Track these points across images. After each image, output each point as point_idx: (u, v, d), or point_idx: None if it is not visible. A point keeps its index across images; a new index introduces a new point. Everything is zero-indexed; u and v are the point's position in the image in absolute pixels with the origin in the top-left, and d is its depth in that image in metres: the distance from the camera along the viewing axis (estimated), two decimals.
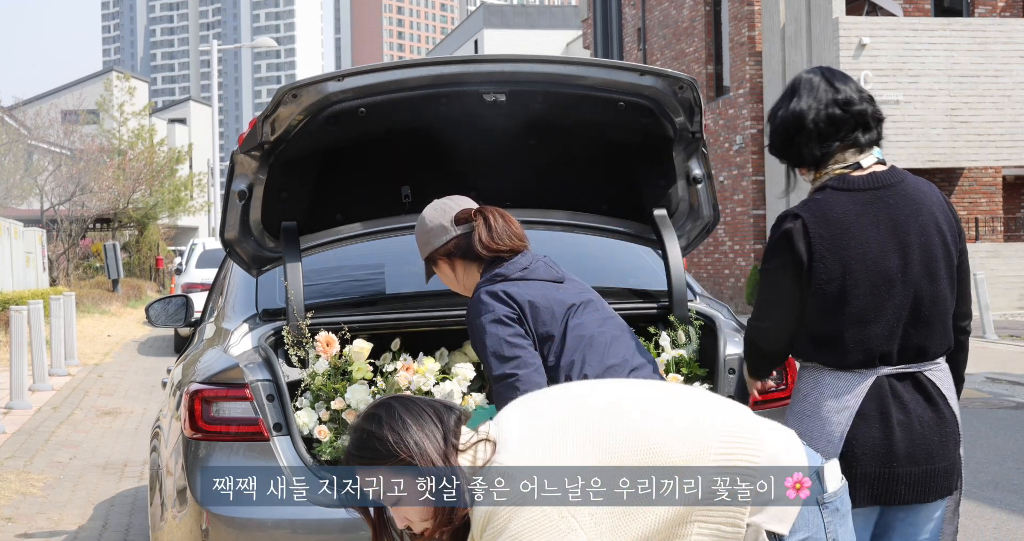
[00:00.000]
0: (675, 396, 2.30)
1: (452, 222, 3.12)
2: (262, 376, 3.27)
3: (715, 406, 2.27)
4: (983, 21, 20.58)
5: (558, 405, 2.25)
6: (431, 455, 2.17)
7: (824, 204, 2.78)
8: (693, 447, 2.14)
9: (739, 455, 2.14)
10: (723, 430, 2.18)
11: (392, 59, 47.31)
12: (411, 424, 2.20)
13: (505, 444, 2.18)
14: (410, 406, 2.24)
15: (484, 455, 2.19)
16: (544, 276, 3.07)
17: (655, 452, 2.12)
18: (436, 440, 2.19)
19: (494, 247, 3.07)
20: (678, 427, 2.17)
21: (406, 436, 2.19)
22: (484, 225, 3.09)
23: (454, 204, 3.17)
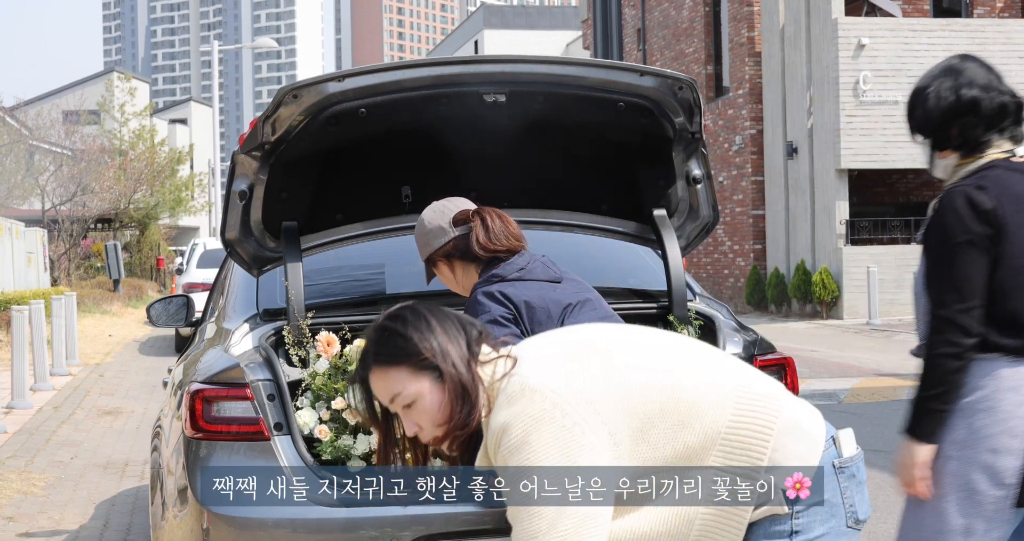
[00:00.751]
0: (695, 355, 2.29)
1: (450, 223, 3.14)
2: (263, 376, 3.28)
3: (732, 367, 2.28)
4: (982, 22, 20.58)
5: (583, 342, 2.26)
6: (453, 357, 2.18)
7: (1003, 180, 2.71)
8: (711, 407, 2.15)
9: (755, 416, 2.16)
10: (738, 391, 2.19)
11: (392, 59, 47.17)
12: (436, 326, 2.21)
13: (525, 361, 2.19)
14: (434, 311, 2.26)
15: (503, 369, 2.20)
16: (541, 276, 3.07)
17: (677, 399, 2.14)
18: (459, 345, 2.21)
19: (491, 248, 3.09)
20: (701, 385, 2.18)
21: (430, 336, 2.20)
22: (481, 226, 3.11)
23: (452, 206, 3.19)
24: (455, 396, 2.19)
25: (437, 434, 2.22)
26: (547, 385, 2.13)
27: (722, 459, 2.14)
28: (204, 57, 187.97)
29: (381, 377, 2.22)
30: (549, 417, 2.09)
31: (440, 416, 2.20)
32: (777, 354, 3.66)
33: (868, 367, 12.41)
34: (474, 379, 2.20)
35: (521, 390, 2.13)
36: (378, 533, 3.05)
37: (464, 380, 2.19)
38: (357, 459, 3.31)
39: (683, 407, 2.14)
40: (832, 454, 2.22)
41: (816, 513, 2.18)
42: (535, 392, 2.12)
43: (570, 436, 2.07)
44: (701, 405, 2.15)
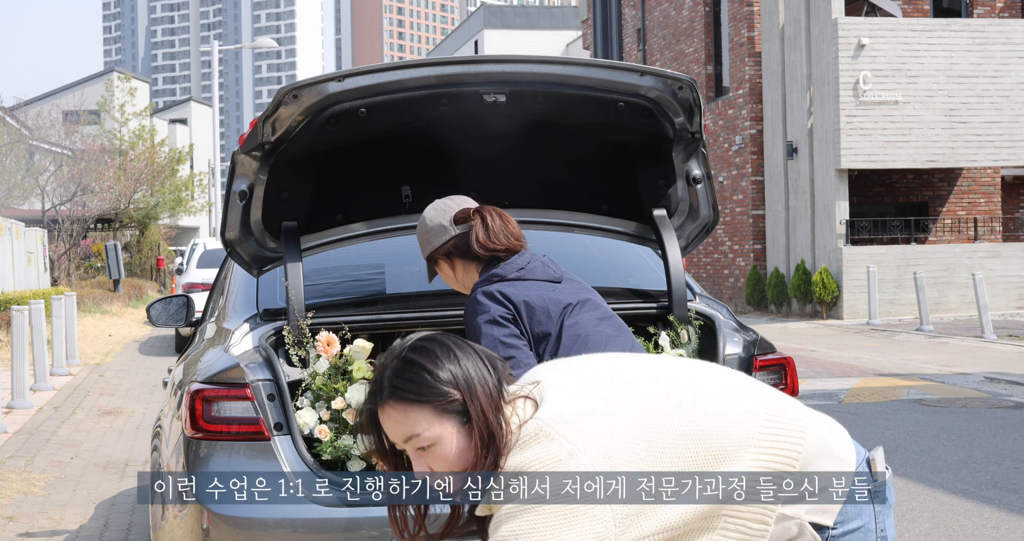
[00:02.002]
0: (717, 381, 2.14)
1: (451, 222, 3.14)
2: (263, 376, 3.28)
3: (757, 392, 2.13)
4: (982, 22, 20.58)
5: (602, 376, 2.09)
6: (483, 402, 1.96)
7: None
8: (740, 435, 2.01)
9: (782, 448, 2.03)
10: (766, 419, 2.05)
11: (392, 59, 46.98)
12: (467, 365, 1.98)
13: (546, 401, 2.01)
14: (461, 345, 2.02)
15: (523, 414, 1.99)
16: (541, 276, 3.08)
17: (703, 438, 2.00)
18: (488, 387, 1.98)
19: (491, 246, 3.09)
20: (727, 414, 2.03)
21: (460, 376, 1.97)
22: (481, 225, 3.11)
23: (454, 204, 3.19)
24: (481, 444, 1.96)
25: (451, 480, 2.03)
26: (564, 433, 1.96)
27: (731, 517, 2.01)
28: (204, 57, 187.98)
29: (398, 414, 1.98)
30: (562, 465, 1.94)
31: (459, 464, 1.99)
32: (777, 354, 3.66)
33: (868, 367, 12.41)
34: (502, 425, 1.96)
35: (535, 435, 1.96)
36: (378, 533, 3.05)
37: (492, 426, 1.95)
38: (357, 459, 3.31)
39: (708, 446, 2.00)
40: (867, 480, 2.11)
41: (853, 540, 2.09)
42: (550, 438, 1.95)
43: (585, 513, 1.93)
44: (724, 442, 2.02)
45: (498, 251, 3.10)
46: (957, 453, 7.26)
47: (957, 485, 6.32)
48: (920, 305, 16.85)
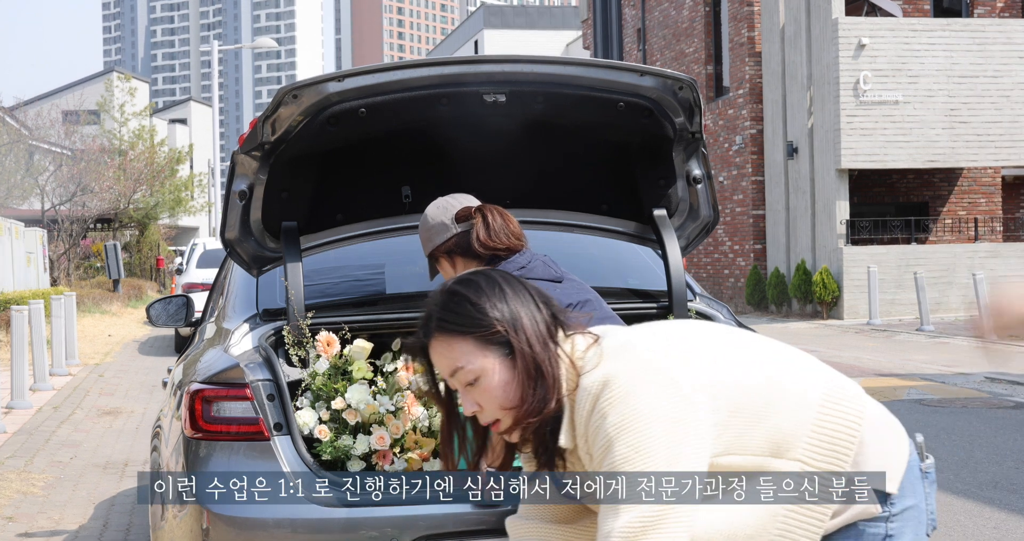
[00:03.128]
0: (780, 350, 2.12)
1: (453, 220, 3.15)
2: (262, 376, 3.28)
3: (818, 365, 2.12)
4: (982, 21, 20.58)
5: (668, 330, 2.08)
6: (528, 333, 1.95)
7: None
8: (799, 403, 2.01)
9: (843, 413, 2.03)
10: (826, 387, 2.05)
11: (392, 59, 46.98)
12: (511, 296, 1.98)
13: (611, 333, 2.01)
14: (511, 279, 2.03)
15: (585, 342, 1.99)
16: (541, 275, 3.08)
17: (771, 389, 2.00)
18: (535, 320, 1.97)
19: (492, 245, 3.09)
20: (792, 379, 2.04)
21: (503, 307, 1.96)
22: (483, 223, 3.12)
23: (456, 202, 3.20)
24: (527, 377, 1.94)
25: (505, 420, 1.98)
26: (649, 345, 1.95)
27: (806, 455, 2.01)
28: (204, 57, 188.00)
29: (443, 347, 1.98)
30: (656, 370, 1.89)
31: (507, 398, 1.96)
32: None
33: (868, 367, 12.41)
34: (551, 359, 1.95)
35: (623, 346, 1.93)
36: (378, 533, 3.05)
37: (539, 359, 1.94)
38: (357, 459, 3.31)
39: (775, 398, 2.00)
40: (916, 459, 2.11)
41: (909, 518, 2.06)
42: (637, 348, 1.92)
43: (680, 393, 1.88)
44: (790, 398, 2.00)
45: (499, 250, 3.10)
46: (957, 453, 7.26)
47: (957, 485, 6.32)
48: (921, 305, 16.85)
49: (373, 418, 3.31)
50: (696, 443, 1.91)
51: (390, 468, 3.27)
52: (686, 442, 1.89)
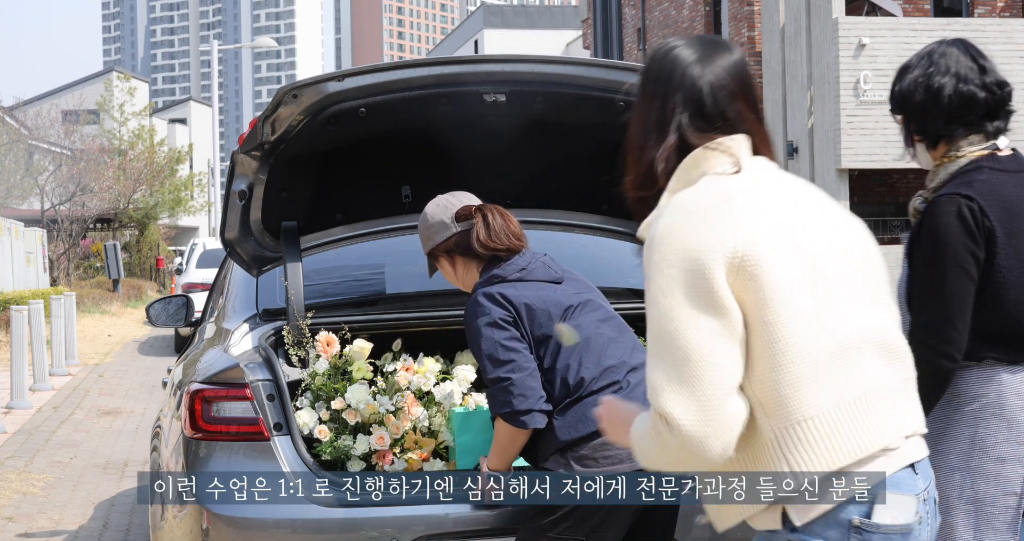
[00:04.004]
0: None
1: (453, 219, 3.14)
2: (262, 376, 3.28)
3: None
4: (983, 21, 20.59)
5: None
6: (654, 107, 2.03)
7: (991, 184, 2.61)
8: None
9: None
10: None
11: (392, 59, 47.07)
12: (665, 76, 2.04)
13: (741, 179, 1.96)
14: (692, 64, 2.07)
15: (717, 163, 1.96)
16: (542, 277, 3.07)
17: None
18: (672, 105, 2.01)
19: (491, 246, 3.08)
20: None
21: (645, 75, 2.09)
22: (483, 223, 3.10)
23: (456, 201, 3.18)
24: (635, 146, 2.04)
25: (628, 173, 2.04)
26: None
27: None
28: (204, 57, 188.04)
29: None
30: (719, 208, 1.88)
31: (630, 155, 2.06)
32: None
33: None
34: (647, 142, 1.99)
35: (708, 184, 1.92)
36: (377, 533, 3.05)
37: (643, 141, 2.00)
38: (357, 459, 3.31)
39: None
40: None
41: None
42: (715, 195, 1.90)
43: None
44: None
45: (498, 250, 3.09)
46: None
47: None
48: None
49: (373, 418, 3.31)
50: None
51: (390, 468, 3.27)
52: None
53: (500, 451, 2.95)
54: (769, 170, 1.99)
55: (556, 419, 2.88)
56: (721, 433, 1.80)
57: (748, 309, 1.82)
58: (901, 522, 1.86)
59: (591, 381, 2.89)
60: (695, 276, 1.83)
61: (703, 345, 1.79)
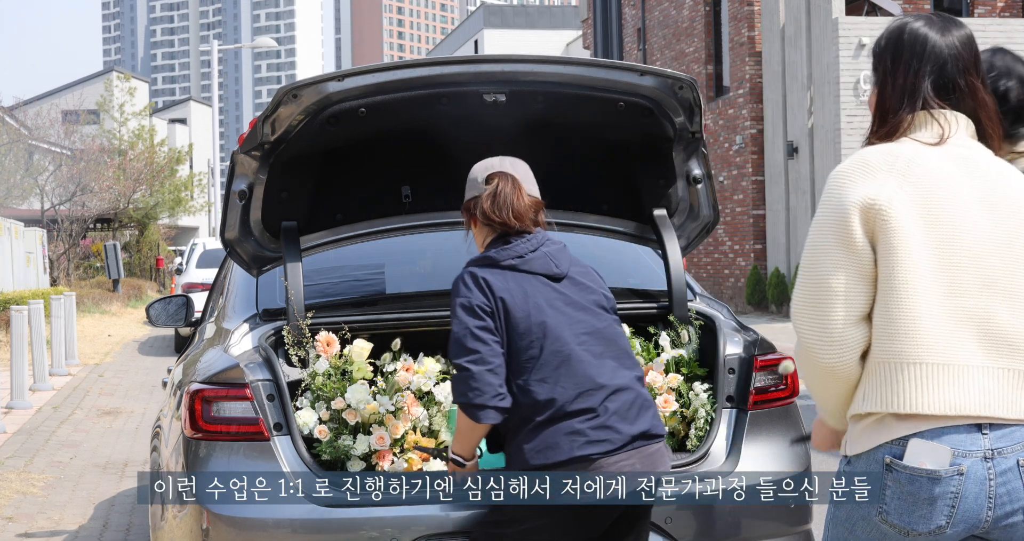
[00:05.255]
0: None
1: (484, 180, 3.03)
2: (262, 376, 3.28)
3: None
4: (983, 21, 20.58)
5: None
6: (895, 79, 2.25)
7: None
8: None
9: None
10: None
11: (392, 59, 46.99)
12: (910, 52, 2.25)
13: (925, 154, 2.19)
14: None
15: (928, 131, 2.21)
16: (539, 269, 2.94)
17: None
18: (913, 78, 2.24)
19: (491, 218, 2.95)
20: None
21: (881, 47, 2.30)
22: (491, 192, 2.98)
23: (499, 163, 3.06)
24: (878, 111, 2.28)
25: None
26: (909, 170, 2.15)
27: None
28: (204, 57, 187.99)
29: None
30: (871, 174, 2.15)
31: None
32: (777, 354, 3.66)
33: None
34: (899, 112, 2.23)
35: (895, 146, 2.19)
36: (378, 533, 3.05)
37: (888, 104, 2.24)
38: (357, 459, 3.31)
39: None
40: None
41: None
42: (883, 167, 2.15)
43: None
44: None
45: (503, 225, 2.97)
46: None
47: None
48: None
49: (373, 418, 3.31)
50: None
51: (390, 468, 3.27)
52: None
53: (461, 437, 2.92)
54: (969, 151, 2.20)
55: (526, 442, 2.81)
56: (841, 353, 2.12)
57: (879, 254, 2.11)
58: (928, 467, 2.04)
59: (564, 403, 2.80)
60: (839, 219, 2.13)
61: (835, 277, 2.12)
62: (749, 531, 3.34)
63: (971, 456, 2.05)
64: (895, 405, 2.07)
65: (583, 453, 2.77)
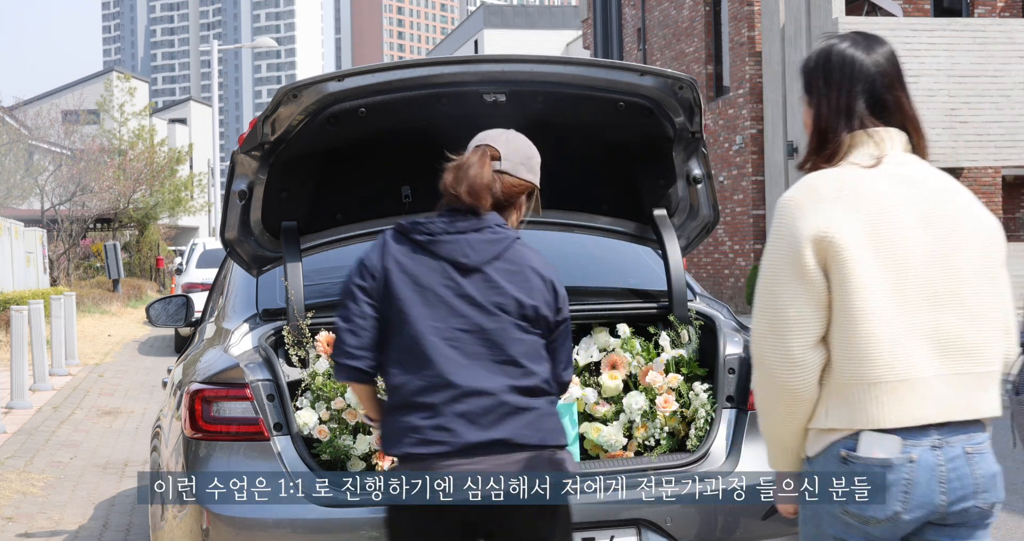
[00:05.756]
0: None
1: (472, 149, 2.80)
2: (262, 376, 3.28)
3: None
4: (983, 21, 20.58)
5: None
6: (825, 103, 2.34)
7: None
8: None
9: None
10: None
11: (392, 59, 47.00)
12: (830, 79, 2.35)
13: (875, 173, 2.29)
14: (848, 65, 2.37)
15: (864, 154, 2.29)
16: (445, 254, 2.66)
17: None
18: (841, 101, 2.33)
19: (446, 188, 2.71)
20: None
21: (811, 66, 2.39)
22: (457, 163, 2.74)
23: (494, 135, 2.80)
24: (815, 128, 2.36)
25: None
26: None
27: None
28: (204, 57, 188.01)
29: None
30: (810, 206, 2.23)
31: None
32: None
33: None
34: (838, 132, 2.31)
35: (839, 172, 2.27)
36: (378, 533, 3.05)
37: (825, 125, 2.33)
38: (357, 459, 3.31)
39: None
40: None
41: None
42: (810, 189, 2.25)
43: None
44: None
45: (452, 196, 2.71)
46: None
47: None
48: None
49: None
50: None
51: (390, 468, 3.27)
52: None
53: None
54: (905, 167, 2.30)
55: (383, 425, 2.70)
56: (804, 376, 2.22)
57: (832, 282, 2.20)
58: (880, 456, 2.18)
59: (409, 394, 2.61)
60: (793, 252, 2.22)
61: (793, 307, 2.21)
62: (749, 531, 3.34)
63: (920, 445, 2.19)
64: (860, 423, 2.19)
65: (415, 451, 2.60)
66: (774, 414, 2.29)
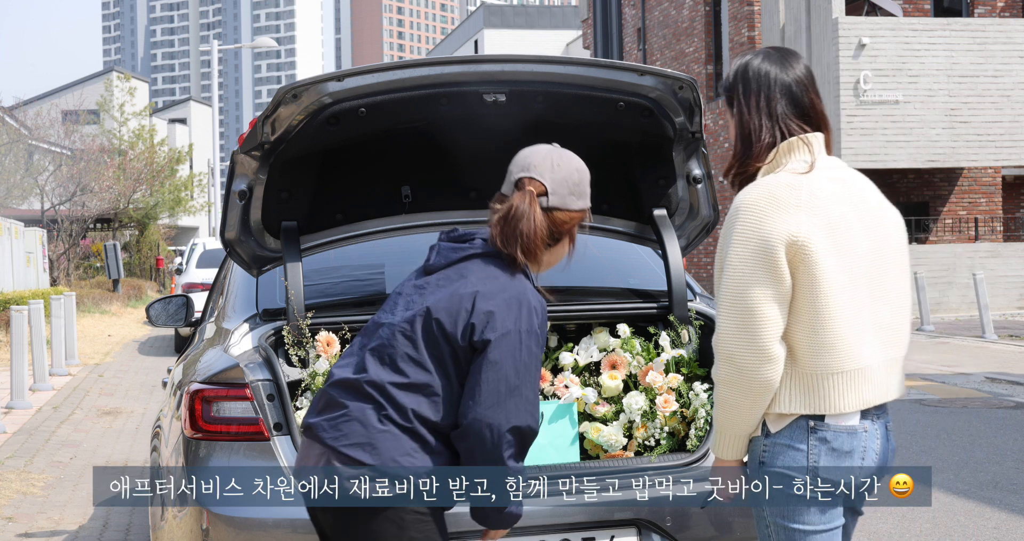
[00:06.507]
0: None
1: (515, 182, 2.66)
2: (262, 376, 3.28)
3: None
4: (983, 21, 20.57)
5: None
6: (751, 108, 2.49)
7: None
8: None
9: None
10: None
11: (392, 59, 47.07)
12: (757, 85, 2.50)
13: (809, 178, 2.47)
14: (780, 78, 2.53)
15: (794, 161, 2.45)
16: (427, 261, 2.67)
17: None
18: (764, 101, 2.49)
19: (497, 245, 2.59)
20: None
21: (738, 76, 2.53)
22: (503, 212, 2.60)
23: (539, 161, 2.63)
24: (740, 138, 2.52)
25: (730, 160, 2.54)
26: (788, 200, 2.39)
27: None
28: (204, 57, 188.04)
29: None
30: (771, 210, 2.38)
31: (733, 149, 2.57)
32: None
33: None
34: (761, 136, 2.47)
35: (786, 178, 2.41)
36: None
37: (749, 130, 2.48)
38: None
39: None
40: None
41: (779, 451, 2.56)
42: (768, 197, 2.39)
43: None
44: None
45: (506, 258, 2.59)
46: (958, 453, 7.26)
47: (958, 485, 6.32)
48: (920, 305, 16.85)
49: None
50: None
51: None
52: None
53: None
54: (834, 170, 2.49)
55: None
56: (774, 368, 2.38)
57: (799, 282, 2.37)
58: (845, 424, 2.42)
59: (328, 376, 2.64)
60: (766, 253, 2.36)
61: (765, 305, 2.36)
62: (748, 531, 3.34)
63: (866, 418, 2.47)
64: (820, 408, 2.41)
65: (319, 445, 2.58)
66: (740, 407, 2.44)
